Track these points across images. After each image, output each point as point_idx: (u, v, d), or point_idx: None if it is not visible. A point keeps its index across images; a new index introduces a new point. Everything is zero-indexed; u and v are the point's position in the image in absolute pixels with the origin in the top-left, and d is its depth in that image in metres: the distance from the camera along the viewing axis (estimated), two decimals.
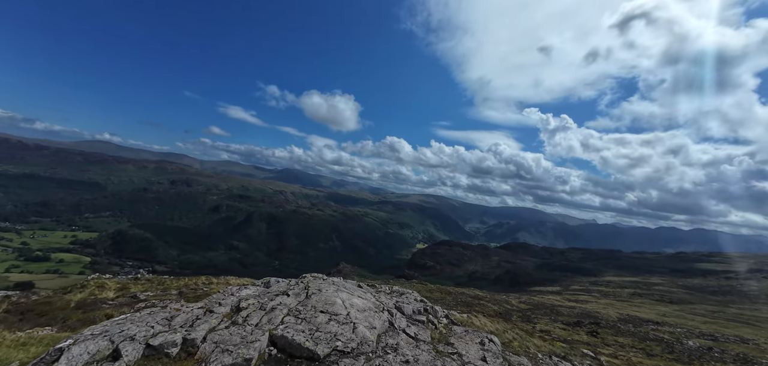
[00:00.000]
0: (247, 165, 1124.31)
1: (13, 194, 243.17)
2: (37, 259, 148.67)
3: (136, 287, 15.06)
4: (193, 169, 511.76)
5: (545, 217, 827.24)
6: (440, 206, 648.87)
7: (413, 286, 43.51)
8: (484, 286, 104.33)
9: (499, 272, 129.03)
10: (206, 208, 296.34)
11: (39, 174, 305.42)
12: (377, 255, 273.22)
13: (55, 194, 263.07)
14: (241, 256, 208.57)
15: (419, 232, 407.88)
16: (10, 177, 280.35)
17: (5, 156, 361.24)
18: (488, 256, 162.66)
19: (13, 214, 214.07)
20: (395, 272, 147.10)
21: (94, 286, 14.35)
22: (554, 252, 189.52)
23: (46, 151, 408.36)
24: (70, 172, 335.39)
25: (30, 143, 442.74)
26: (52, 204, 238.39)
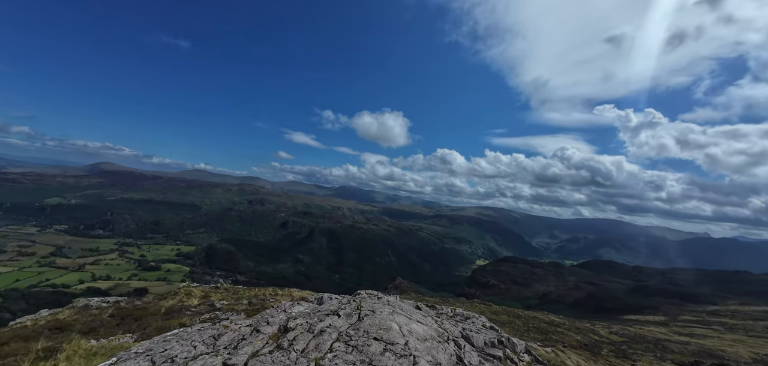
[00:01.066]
0: (309, 184, 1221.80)
1: (136, 215, 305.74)
2: (151, 268, 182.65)
3: (215, 296, 16.75)
4: (265, 189, 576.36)
5: (636, 231, 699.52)
6: (500, 219, 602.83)
7: (476, 307, 39.92)
8: (559, 310, 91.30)
9: (578, 295, 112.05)
10: (276, 224, 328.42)
11: (154, 199, 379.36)
12: (434, 271, 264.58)
13: (165, 215, 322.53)
14: (306, 268, 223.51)
15: (478, 247, 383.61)
16: (134, 202, 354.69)
17: (131, 185, 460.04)
18: (563, 276, 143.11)
19: (135, 232, 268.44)
20: (454, 290, 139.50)
21: (183, 293, 16.49)
22: (652, 272, 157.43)
23: (159, 180, 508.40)
24: (176, 196, 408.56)
25: (148, 174, 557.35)
26: (163, 223, 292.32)
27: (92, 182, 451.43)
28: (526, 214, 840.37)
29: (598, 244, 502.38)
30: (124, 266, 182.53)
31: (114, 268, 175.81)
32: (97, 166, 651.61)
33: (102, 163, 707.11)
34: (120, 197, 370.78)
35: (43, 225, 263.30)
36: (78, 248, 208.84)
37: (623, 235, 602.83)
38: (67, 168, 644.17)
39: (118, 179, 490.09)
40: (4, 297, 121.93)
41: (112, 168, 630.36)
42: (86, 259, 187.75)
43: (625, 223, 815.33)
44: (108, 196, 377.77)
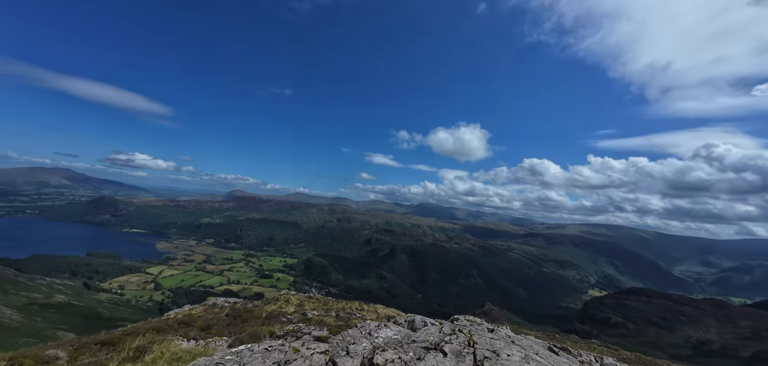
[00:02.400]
0: (389, 202, 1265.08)
1: (256, 232, 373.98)
2: (265, 276, 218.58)
3: (308, 305, 18.13)
4: (351, 209, 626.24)
5: None
6: (620, 239, 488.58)
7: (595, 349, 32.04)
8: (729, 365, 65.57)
9: (759, 347, 78.84)
10: (361, 240, 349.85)
11: (268, 218, 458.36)
12: (530, 299, 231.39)
13: (276, 231, 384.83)
14: (389, 285, 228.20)
15: (590, 273, 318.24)
16: (254, 221, 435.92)
17: (253, 208, 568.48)
18: (731, 319, 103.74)
19: (256, 245, 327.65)
20: (560, 325, 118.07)
21: (282, 300, 18.73)
22: None
23: (271, 203, 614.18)
24: (283, 215, 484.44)
25: (264, 198, 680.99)
26: (274, 238, 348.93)
27: (229, 206, 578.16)
28: (660, 232, 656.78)
29: None
30: (248, 273, 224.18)
31: (241, 274, 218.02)
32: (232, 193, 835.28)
33: (235, 191, 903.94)
34: (246, 217, 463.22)
35: (199, 239, 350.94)
36: (220, 257, 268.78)
37: None
38: (214, 196, 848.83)
39: (245, 203, 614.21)
40: (175, 293, 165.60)
41: (241, 194, 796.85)
42: (224, 266, 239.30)
43: None
44: (238, 216, 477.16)
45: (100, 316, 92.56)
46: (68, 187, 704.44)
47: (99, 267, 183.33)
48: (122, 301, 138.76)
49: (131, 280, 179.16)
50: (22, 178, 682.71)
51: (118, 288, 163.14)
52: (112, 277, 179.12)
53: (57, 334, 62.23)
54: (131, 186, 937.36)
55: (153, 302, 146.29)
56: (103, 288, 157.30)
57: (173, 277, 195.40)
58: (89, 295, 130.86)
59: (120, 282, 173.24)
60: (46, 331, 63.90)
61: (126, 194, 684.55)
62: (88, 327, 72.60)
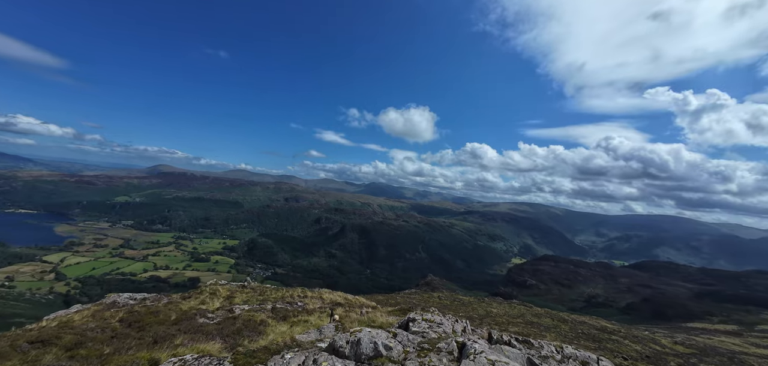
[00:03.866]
0: (340, 181, 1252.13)
1: (189, 212, 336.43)
2: (202, 259, 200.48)
3: (240, 296, 15.76)
4: (300, 187, 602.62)
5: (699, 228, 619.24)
6: (538, 215, 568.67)
7: (514, 308, 38.10)
8: (610, 315, 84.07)
9: (632, 299, 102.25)
10: (310, 220, 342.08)
11: (203, 197, 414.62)
12: (467, 268, 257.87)
13: (213, 211, 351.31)
14: (338, 263, 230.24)
15: (514, 244, 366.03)
16: (186, 200, 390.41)
17: (184, 185, 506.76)
18: (613, 278, 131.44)
19: (188, 226, 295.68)
20: (489, 289, 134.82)
21: (207, 293, 15.92)
22: (723, 276, 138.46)
23: (207, 180, 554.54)
24: (222, 194, 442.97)
25: (198, 175, 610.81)
26: (211, 218, 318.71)
27: (152, 182, 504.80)
28: (568, 210, 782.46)
29: (653, 243, 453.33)
30: (180, 257, 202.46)
31: (172, 259, 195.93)
32: (156, 168, 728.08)
33: (160, 165, 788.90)
34: (175, 196, 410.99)
35: (114, 221, 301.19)
36: (142, 241, 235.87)
37: (684, 232, 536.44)
38: (132, 170, 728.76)
39: (173, 180, 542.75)
40: (83, 283, 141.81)
41: (168, 169, 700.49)
42: (149, 250, 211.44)
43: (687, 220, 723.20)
44: (165, 194, 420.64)
45: None
46: None
47: None
48: (13, 294, 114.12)
49: (23, 270, 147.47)
50: None
51: (6, 280, 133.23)
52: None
53: None
54: (14, 156, 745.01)
55: (55, 294, 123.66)
56: None
57: (80, 266, 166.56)
58: None
59: (8, 273, 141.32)
60: None
61: (7, 166, 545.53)
62: None
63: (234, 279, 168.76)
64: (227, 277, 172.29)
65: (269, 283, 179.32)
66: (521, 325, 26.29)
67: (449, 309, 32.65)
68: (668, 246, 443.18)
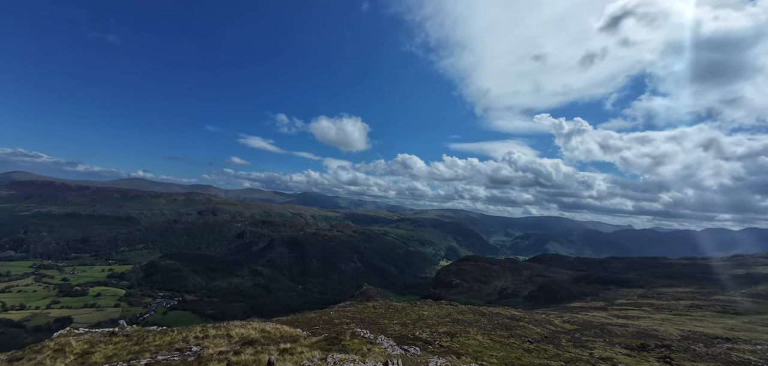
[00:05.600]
0: (268, 191, 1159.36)
1: (57, 233, 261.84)
2: (76, 293, 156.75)
3: (102, 351, 10.72)
4: (218, 198, 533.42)
5: (574, 225, 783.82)
6: (460, 220, 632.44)
7: (443, 308, 40.43)
8: (517, 303, 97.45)
9: (532, 288, 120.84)
10: (231, 235, 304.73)
11: (80, 212, 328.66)
12: (400, 274, 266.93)
13: (95, 230, 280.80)
14: (265, 281, 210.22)
15: (441, 248, 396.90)
16: (54, 217, 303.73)
17: (50, 197, 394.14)
18: (518, 271, 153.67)
19: (56, 252, 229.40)
20: (420, 292, 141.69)
21: (50, 350, 10.60)
22: (591, 262, 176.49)
23: (86, 191, 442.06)
24: (108, 208, 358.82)
25: (72, 185, 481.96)
26: (92, 240, 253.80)
27: (1, 195, 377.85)
28: (483, 214, 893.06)
29: (545, 239, 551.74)
30: (42, 292, 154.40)
31: (29, 296, 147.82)
32: (8, 176, 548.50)
33: (14, 172, 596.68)
34: (36, 212, 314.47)
35: None
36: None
37: (565, 229, 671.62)
38: None
39: (35, 190, 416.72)
40: None
41: (27, 178, 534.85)
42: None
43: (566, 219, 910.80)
44: (21, 210, 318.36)
45: None
46: None
47: None
48: None
49: None
50: None
51: None
52: None
53: None
54: None
55: None
56: None
57: None
58: None
59: None
60: None
61: None
62: None
63: (122, 315, 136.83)
64: (114, 312, 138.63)
65: (176, 314, 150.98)
66: (449, 324, 27.68)
67: (383, 317, 32.63)
68: (554, 241, 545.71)
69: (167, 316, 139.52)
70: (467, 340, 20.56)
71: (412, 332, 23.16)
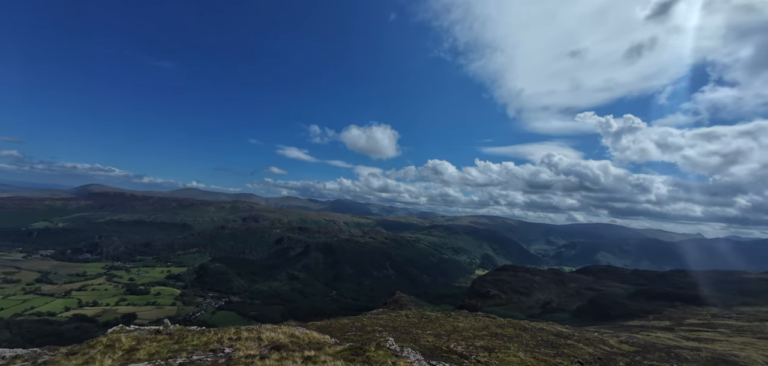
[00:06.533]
0: (304, 198, 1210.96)
1: (125, 238, 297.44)
2: (140, 292, 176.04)
3: (147, 348, 11.64)
4: (260, 206, 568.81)
5: (628, 234, 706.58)
6: (497, 227, 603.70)
7: (480, 320, 38.43)
8: (563, 319, 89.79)
9: (580, 302, 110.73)
10: (271, 240, 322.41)
11: (144, 220, 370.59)
12: (433, 282, 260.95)
13: (156, 236, 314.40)
14: (301, 285, 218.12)
15: (476, 256, 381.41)
16: (123, 224, 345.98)
17: (120, 206, 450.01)
18: (563, 283, 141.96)
19: (124, 254, 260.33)
20: (455, 302, 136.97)
21: (102, 346, 11.49)
22: (651, 275, 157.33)
23: (149, 201, 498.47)
24: (167, 216, 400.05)
25: (138, 195, 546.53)
26: (153, 244, 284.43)
27: (80, 205, 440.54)
28: (522, 221, 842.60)
29: (593, 248, 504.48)
30: (112, 291, 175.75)
31: (101, 294, 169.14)
32: (86, 189, 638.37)
33: (91, 185, 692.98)
34: (109, 219, 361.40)
35: (29, 250, 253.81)
36: (64, 273, 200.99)
37: (617, 238, 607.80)
38: (55, 191, 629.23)
39: (108, 201, 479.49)
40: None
41: (102, 189, 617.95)
42: (73, 284, 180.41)
43: (618, 227, 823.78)
44: (97, 218, 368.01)
45: None
46: None
47: None
48: None
49: None
50: None
51: None
52: None
53: None
54: None
55: None
56: None
57: None
58: None
59: None
60: None
61: None
62: None
63: (178, 312, 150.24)
64: (171, 310, 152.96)
65: (223, 314, 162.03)
66: (486, 338, 26.19)
67: (417, 327, 31.81)
68: (605, 250, 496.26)
69: (215, 315, 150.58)
70: (507, 357, 19.15)
71: (446, 344, 22.20)
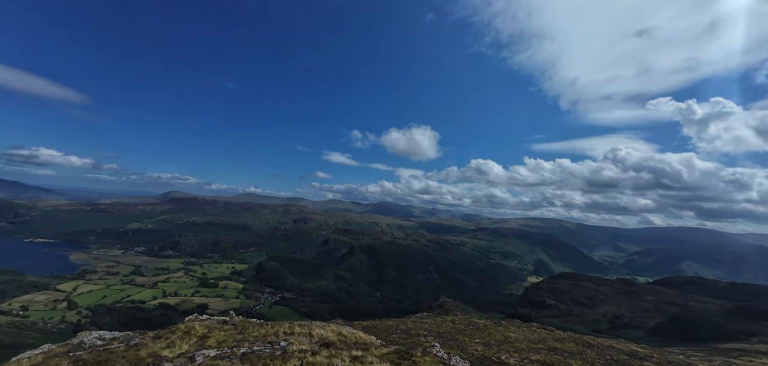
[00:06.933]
0: (348, 201, 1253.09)
1: (198, 237, 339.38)
2: (210, 285, 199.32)
3: (216, 336, 13.12)
4: (308, 209, 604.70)
5: (723, 239, 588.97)
6: (551, 230, 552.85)
7: (535, 332, 35.52)
8: (638, 337, 78.53)
9: (659, 318, 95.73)
10: (318, 241, 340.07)
11: (213, 221, 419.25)
12: (480, 288, 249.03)
13: (222, 235, 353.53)
14: (347, 285, 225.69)
15: (528, 262, 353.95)
16: (197, 225, 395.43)
17: (195, 209, 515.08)
18: (637, 295, 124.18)
19: (198, 252, 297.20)
20: (505, 310, 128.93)
21: (180, 332, 13.21)
22: (755, 290, 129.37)
23: (217, 205, 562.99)
24: (231, 218, 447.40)
25: (208, 200, 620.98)
26: (220, 243, 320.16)
27: (164, 209, 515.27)
28: (582, 223, 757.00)
29: (676, 256, 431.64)
30: (189, 283, 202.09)
31: (180, 285, 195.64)
32: (168, 195, 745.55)
33: (172, 192, 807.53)
34: (186, 221, 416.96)
35: (126, 247, 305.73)
36: (152, 267, 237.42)
37: (707, 244, 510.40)
38: (145, 197, 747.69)
39: (185, 205, 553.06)
40: (93, 311, 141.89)
41: (180, 195, 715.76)
42: (159, 277, 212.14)
43: (709, 231, 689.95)
44: (176, 220, 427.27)
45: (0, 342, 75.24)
46: None
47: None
48: (26, 323, 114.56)
49: (37, 300, 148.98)
50: None
51: (21, 309, 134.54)
52: (12, 296, 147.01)
53: None
54: (36, 187, 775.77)
55: (66, 324, 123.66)
56: (1, 310, 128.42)
57: (92, 294, 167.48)
58: None
59: (22, 302, 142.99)
60: None
61: (29, 197, 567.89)
62: None
63: (241, 305, 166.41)
64: (235, 302, 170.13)
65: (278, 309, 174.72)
66: (543, 352, 24.14)
67: (463, 334, 30.53)
68: (692, 259, 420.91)
69: (272, 309, 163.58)
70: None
71: (497, 355, 20.90)
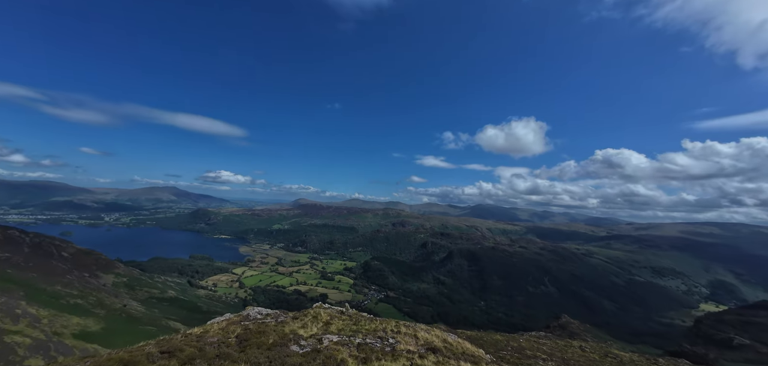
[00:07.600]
0: (443, 204, 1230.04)
1: (318, 237, 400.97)
2: (328, 278, 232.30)
3: (336, 324, 15.30)
4: (405, 212, 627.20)
5: None
6: (739, 240, 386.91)
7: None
8: None
9: None
10: (416, 244, 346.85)
11: (328, 224, 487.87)
12: (619, 311, 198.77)
13: (335, 236, 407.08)
14: (448, 290, 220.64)
15: (700, 282, 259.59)
16: (317, 227, 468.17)
17: (315, 214, 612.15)
18: None
19: (319, 249, 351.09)
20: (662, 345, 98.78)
21: (310, 316, 16.01)
22: None
23: (330, 209, 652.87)
24: (342, 221, 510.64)
25: (324, 205, 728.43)
26: (334, 242, 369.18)
27: (295, 213, 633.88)
28: None
29: None
30: (313, 275, 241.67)
31: (307, 276, 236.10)
32: (297, 202, 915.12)
33: (300, 199, 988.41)
34: (309, 223, 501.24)
35: (272, 243, 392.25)
36: (289, 260, 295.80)
37: None
38: (283, 204, 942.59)
39: (308, 210, 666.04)
40: (254, 291, 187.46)
41: (305, 201, 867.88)
42: (293, 268, 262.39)
43: None
44: (303, 222, 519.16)
45: (200, 309, 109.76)
46: (175, 202, 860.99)
47: (198, 267, 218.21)
48: (216, 296, 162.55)
49: (222, 279, 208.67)
50: (143, 196, 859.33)
51: (213, 285, 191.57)
52: (208, 276, 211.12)
53: (169, 324, 75.72)
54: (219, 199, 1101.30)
55: (238, 299, 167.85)
56: (201, 285, 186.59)
57: (253, 277, 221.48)
58: (192, 292, 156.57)
59: (213, 281, 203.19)
60: (161, 320, 78.03)
61: (215, 206, 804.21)
62: (192, 318, 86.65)
63: (353, 298, 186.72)
64: (348, 295, 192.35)
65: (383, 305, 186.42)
66: None
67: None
68: None
69: (377, 306, 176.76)
70: None
71: None
